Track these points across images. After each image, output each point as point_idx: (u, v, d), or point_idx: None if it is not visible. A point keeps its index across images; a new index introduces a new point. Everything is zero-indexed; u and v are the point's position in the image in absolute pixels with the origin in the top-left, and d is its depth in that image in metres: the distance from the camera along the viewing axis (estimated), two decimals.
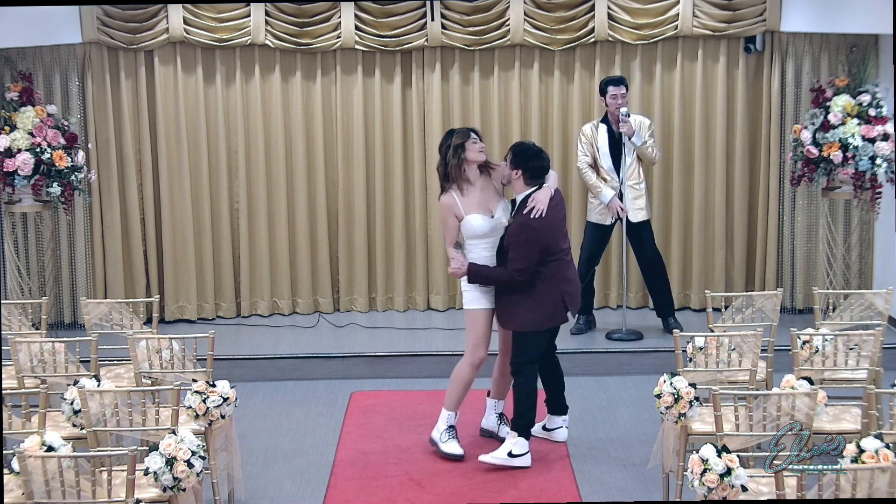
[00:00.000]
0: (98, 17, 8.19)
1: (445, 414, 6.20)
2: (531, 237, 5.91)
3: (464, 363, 6.15)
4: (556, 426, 6.42)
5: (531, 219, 5.90)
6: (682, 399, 5.22)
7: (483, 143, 6.10)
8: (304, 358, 7.86)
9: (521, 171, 5.97)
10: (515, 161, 5.99)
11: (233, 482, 5.66)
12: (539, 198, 5.93)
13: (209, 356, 5.90)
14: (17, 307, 6.63)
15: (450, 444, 6.16)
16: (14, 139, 7.65)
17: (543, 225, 5.91)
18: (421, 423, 6.72)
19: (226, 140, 8.60)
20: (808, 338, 5.67)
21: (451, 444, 6.16)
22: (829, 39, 8.33)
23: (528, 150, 6.05)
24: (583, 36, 8.44)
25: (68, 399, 5.28)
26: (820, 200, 8.38)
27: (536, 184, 5.98)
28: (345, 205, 8.75)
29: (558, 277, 6.01)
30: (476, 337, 6.10)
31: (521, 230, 5.93)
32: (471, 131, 6.09)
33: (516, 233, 5.95)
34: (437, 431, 6.23)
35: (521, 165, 5.97)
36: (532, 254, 5.90)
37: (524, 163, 5.97)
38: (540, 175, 5.99)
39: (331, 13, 8.39)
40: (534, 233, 5.90)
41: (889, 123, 7.72)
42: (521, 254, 5.91)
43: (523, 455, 6.05)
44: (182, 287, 8.67)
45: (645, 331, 8.10)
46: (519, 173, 5.98)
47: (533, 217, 5.89)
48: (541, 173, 6.00)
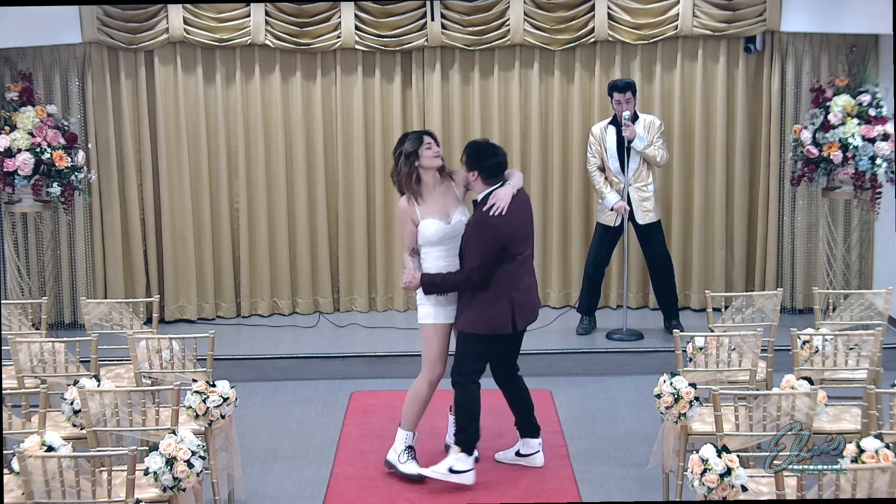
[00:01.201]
0: (98, 17, 8.19)
1: (403, 434, 5.93)
2: (489, 234, 5.60)
3: (421, 381, 5.88)
4: (531, 451, 6.10)
5: (489, 216, 5.59)
6: (682, 399, 5.22)
7: (439, 147, 5.79)
8: (304, 358, 7.86)
9: (478, 172, 5.67)
10: (469, 162, 5.69)
11: (233, 482, 5.66)
12: (500, 195, 5.63)
13: (209, 356, 5.90)
14: (17, 307, 6.63)
15: (409, 464, 5.89)
16: (14, 139, 7.65)
17: (502, 223, 5.59)
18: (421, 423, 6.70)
19: (226, 140, 8.60)
20: (808, 338, 5.67)
21: (410, 464, 5.88)
22: (829, 39, 8.33)
23: (481, 149, 5.74)
24: (583, 36, 8.44)
25: (68, 399, 5.28)
26: (820, 200, 8.38)
27: (496, 182, 5.68)
28: (345, 205, 8.75)
29: (509, 282, 5.67)
30: (433, 353, 5.82)
31: (478, 227, 5.64)
32: (425, 135, 5.80)
33: (473, 230, 5.66)
34: (395, 453, 5.95)
35: (476, 166, 5.67)
36: (489, 253, 5.60)
37: (478, 162, 5.67)
38: (497, 173, 5.68)
39: (331, 13, 8.39)
40: (491, 230, 5.59)
41: (889, 123, 7.72)
42: (478, 252, 5.61)
43: (466, 472, 5.78)
44: (182, 287, 8.67)
45: (645, 331, 8.10)
46: (476, 174, 5.68)
47: (492, 214, 5.58)
48: (497, 171, 5.69)
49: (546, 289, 8.90)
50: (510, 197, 5.64)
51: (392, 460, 5.99)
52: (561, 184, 8.73)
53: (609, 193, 7.81)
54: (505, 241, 5.63)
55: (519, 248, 5.71)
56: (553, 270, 8.85)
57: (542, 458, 6.11)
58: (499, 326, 5.73)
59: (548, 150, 8.72)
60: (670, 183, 8.62)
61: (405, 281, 5.81)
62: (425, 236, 5.77)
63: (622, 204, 7.75)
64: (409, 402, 5.94)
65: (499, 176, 5.71)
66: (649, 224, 7.88)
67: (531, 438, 6.11)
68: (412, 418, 5.94)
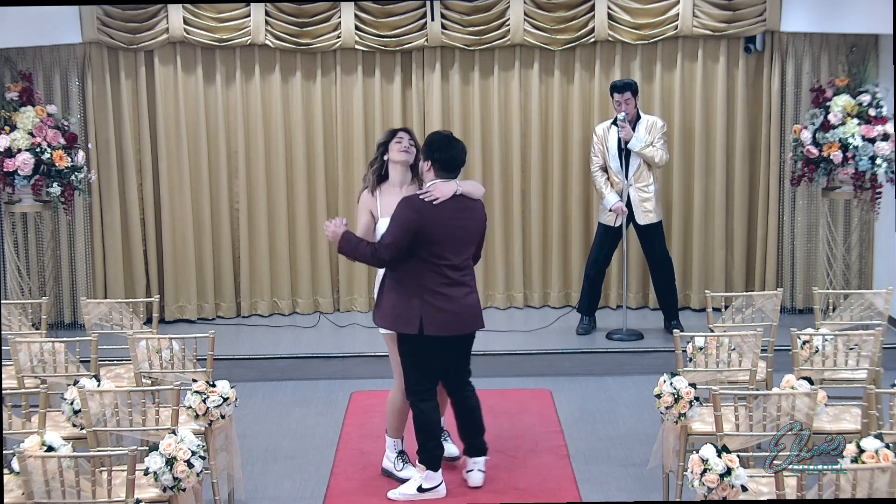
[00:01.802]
0: (98, 17, 8.19)
1: (391, 441, 5.93)
2: (407, 215, 5.35)
3: (395, 391, 5.83)
4: (468, 469, 5.82)
5: (417, 197, 5.39)
6: (682, 399, 5.22)
7: (412, 143, 5.64)
8: (304, 358, 7.86)
9: (431, 163, 5.45)
10: (425, 151, 5.49)
11: (233, 482, 5.66)
12: (440, 186, 5.41)
13: (209, 356, 5.90)
14: (17, 307, 6.63)
15: (406, 469, 5.85)
16: (14, 139, 7.65)
17: (426, 210, 5.35)
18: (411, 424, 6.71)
19: (226, 140, 8.60)
20: (808, 338, 5.67)
21: (408, 469, 5.85)
22: (829, 39, 8.34)
23: (437, 140, 5.51)
24: (583, 36, 8.44)
25: (68, 399, 5.27)
26: (820, 200, 8.38)
27: (448, 177, 5.47)
28: (345, 205, 8.74)
29: (427, 284, 5.42)
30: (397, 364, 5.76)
31: (403, 205, 5.40)
32: (400, 130, 5.71)
33: (398, 207, 5.42)
34: (389, 461, 5.94)
35: (430, 156, 5.46)
36: (403, 235, 5.34)
37: (432, 153, 5.45)
38: (450, 168, 5.46)
39: (331, 13, 8.39)
40: (412, 212, 5.35)
41: (889, 123, 7.72)
42: (392, 229, 5.38)
43: (436, 487, 5.67)
44: (182, 287, 8.67)
45: (645, 331, 8.10)
46: (429, 164, 5.46)
47: (420, 197, 5.38)
48: (451, 165, 5.45)
49: (546, 289, 8.91)
50: (451, 193, 5.42)
51: (389, 468, 5.97)
52: (561, 184, 8.73)
53: (609, 194, 7.81)
54: (422, 231, 5.36)
55: (442, 251, 5.43)
56: (553, 270, 8.85)
57: (478, 479, 5.79)
58: (402, 326, 5.50)
59: (548, 150, 8.72)
60: (670, 183, 8.62)
61: (330, 230, 5.54)
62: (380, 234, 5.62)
63: (620, 205, 7.75)
64: (389, 411, 5.91)
65: (452, 172, 5.49)
66: (649, 225, 7.88)
67: (471, 457, 5.84)
68: (396, 426, 5.92)
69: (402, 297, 5.49)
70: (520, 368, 7.74)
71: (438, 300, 5.46)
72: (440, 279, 5.46)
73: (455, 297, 5.50)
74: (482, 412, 5.87)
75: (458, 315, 5.53)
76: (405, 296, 5.48)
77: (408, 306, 5.47)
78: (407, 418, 5.91)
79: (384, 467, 6.01)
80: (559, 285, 8.87)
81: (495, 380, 7.37)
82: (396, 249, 5.40)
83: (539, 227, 8.75)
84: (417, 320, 5.46)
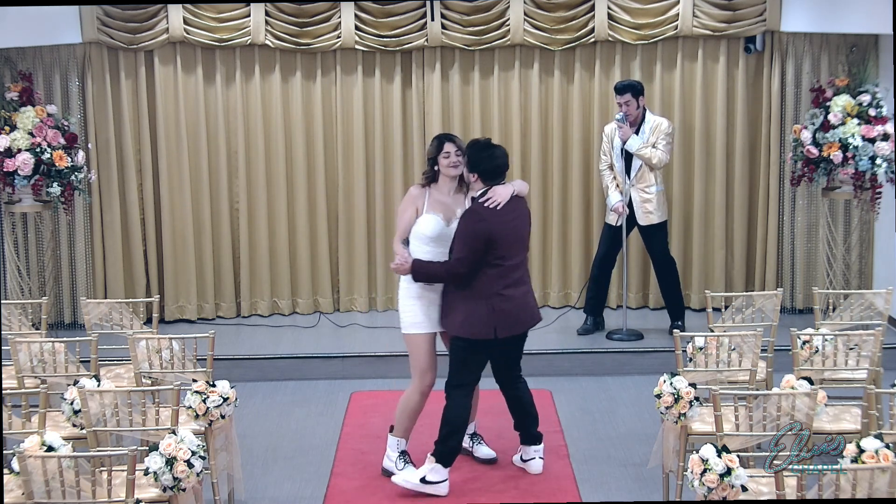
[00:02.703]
0: (98, 17, 8.19)
1: (394, 441, 5.93)
2: (477, 226, 5.53)
3: (413, 391, 5.85)
4: (529, 457, 6.02)
5: (482, 206, 5.56)
6: (682, 399, 5.22)
7: (458, 154, 5.74)
8: (304, 358, 7.86)
9: (478, 175, 5.64)
10: (469, 164, 5.67)
11: (233, 482, 5.66)
12: (498, 190, 5.59)
13: (209, 356, 5.90)
14: (17, 307, 6.63)
15: (407, 469, 5.82)
16: (14, 139, 7.65)
17: (492, 216, 5.53)
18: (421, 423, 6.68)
19: (226, 140, 8.60)
20: (808, 338, 5.67)
21: (408, 469, 5.82)
22: (829, 39, 8.33)
23: (480, 153, 5.66)
24: (583, 36, 8.44)
25: (68, 399, 5.27)
26: (820, 200, 8.38)
27: (497, 183, 5.65)
28: (345, 205, 8.75)
29: (494, 289, 5.58)
30: (422, 363, 5.80)
31: (468, 216, 5.59)
32: (445, 141, 5.80)
33: (463, 220, 5.60)
34: (390, 460, 5.93)
35: (475, 169, 5.64)
36: (476, 244, 5.52)
37: (476, 166, 5.63)
38: (496, 175, 5.63)
39: (331, 13, 8.39)
40: (481, 221, 5.53)
41: (889, 123, 7.72)
42: (464, 241, 5.55)
43: (439, 483, 5.71)
44: (182, 287, 8.67)
45: (645, 331, 8.10)
46: (476, 176, 5.65)
47: (485, 205, 5.55)
48: (497, 173, 5.63)
49: (546, 289, 8.90)
50: (508, 196, 5.61)
51: (389, 468, 5.95)
52: (561, 184, 8.73)
53: (612, 193, 7.83)
54: (492, 236, 5.53)
55: (506, 252, 5.59)
56: (553, 270, 8.86)
57: (538, 466, 6.00)
58: (478, 333, 5.64)
59: (548, 150, 8.72)
60: (670, 183, 8.61)
61: (395, 264, 5.72)
62: (420, 230, 5.75)
63: (620, 204, 7.76)
64: (400, 410, 5.92)
65: (498, 178, 5.66)
66: (650, 226, 7.88)
67: (527, 445, 6.04)
68: (405, 426, 5.92)
69: (473, 303, 5.62)
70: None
71: (505, 302, 5.63)
72: (505, 281, 5.63)
73: (518, 297, 5.69)
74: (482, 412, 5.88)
75: (522, 313, 5.73)
76: (475, 301, 5.62)
77: (480, 314, 5.61)
78: (416, 420, 5.92)
79: (384, 467, 6.00)
80: (559, 285, 8.87)
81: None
82: (471, 261, 5.56)
83: (539, 227, 8.74)
84: (491, 325, 5.61)
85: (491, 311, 5.60)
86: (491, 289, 5.59)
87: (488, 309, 5.60)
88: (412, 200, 5.82)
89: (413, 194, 5.85)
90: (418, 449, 5.98)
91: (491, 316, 5.60)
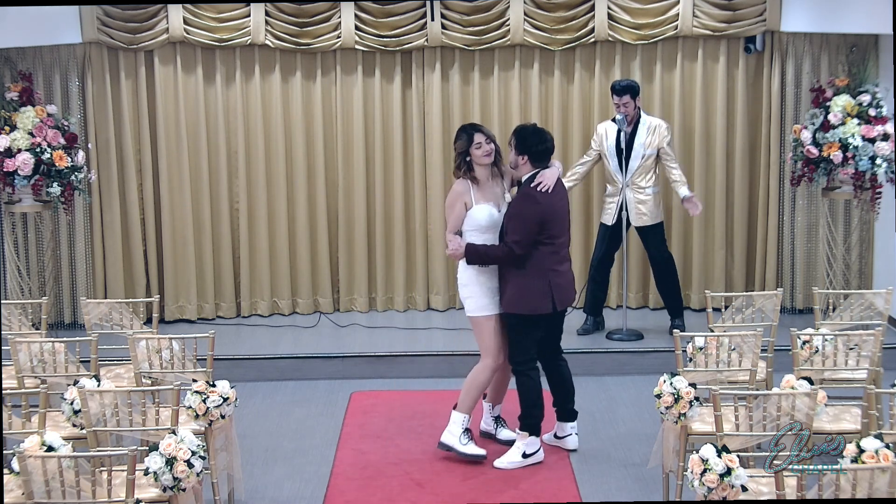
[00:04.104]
0: (98, 17, 8.19)
1: (459, 417, 6.11)
2: (532, 209, 5.90)
3: (483, 368, 6.08)
4: (565, 433, 6.35)
5: (536, 190, 5.90)
6: (682, 399, 5.22)
7: (491, 144, 6.00)
8: (304, 358, 7.86)
9: (527, 157, 5.98)
10: (519, 146, 6.01)
11: (233, 482, 5.66)
12: (547, 174, 5.95)
13: (209, 356, 5.90)
14: (17, 307, 6.63)
15: (469, 446, 6.10)
16: (14, 139, 7.65)
17: (545, 199, 5.90)
18: (421, 424, 6.72)
19: (226, 140, 8.61)
20: (808, 338, 5.67)
21: (471, 446, 6.11)
22: (829, 39, 8.34)
23: (530, 135, 6.03)
24: (583, 36, 8.44)
25: (68, 399, 5.27)
26: (820, 200, 8.38)
27: (542, 166, 6.00)
28: (345, 205, 8.75)
29: (548, 265, 5.96)
30: (492, 344, 6.05)
31: (523, 200, 5.96)
32: (474, 132, 6.02)
33: (517, 203, 5.98)
34: (453, 436, 6.11)
35: (526, 151, 5.98)
36: (531, 226, 5.88)
37: (528, 148, 5.98)
38: (545, 157, 6.00)
39: (331, 13, 8.39)
40: (536, 205, 5.89)
41: (889, 123, 7.73)
42: (520, 224, 5.90)
43: (537, 452, 6.12)
44: (182, 287, 8.67)
45: (645, 331, 8.10)
46: (525, 158, 5.99)
47: (539, 189, 5.89)
48: (545, 155, 6.01)
49: None
50: (556, 178, 5.97)
51: (450, 443, 6.13)
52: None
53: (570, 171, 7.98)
54: (545, 218, 5.90)
55: (556, 231, 5.96)
56: None
57: (574, 441, 6.33)
58: (538, 307, 5.96)
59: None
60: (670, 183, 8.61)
61: (451, 249, 6.00)
62: (476, 220, 5.99)
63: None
64: (468, 387, 6.13)
65: (546, 160, 6.01)
66: (645, 227, 7.89)
67: (565, 422, 6.34)
68: (469, 402, 6.13)
69: (531, 280, 5.94)
70: None
71: (559, 277, 6.03)
72: (557, 258, 6.02)
73: (566, 272, 6.13)
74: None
75: (572, 286, 6.20)
76: (533, 281, 5.94)
77: (539, 290, 5.95)
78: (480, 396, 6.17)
79: (444, 441, 6.15)
80: None
81: None
82: (528, 243, 5.90)
83: None
84: (549, 298, 5.97)
85: (548, 285, 5.95)
86: (546, 265, 5.95)
87: (545, 284, 5.95)
88: (459, 196, 6.04)
89: (458, 190, 6.05)
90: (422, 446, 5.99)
91: (550, 291, 5.96)
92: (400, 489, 5.85)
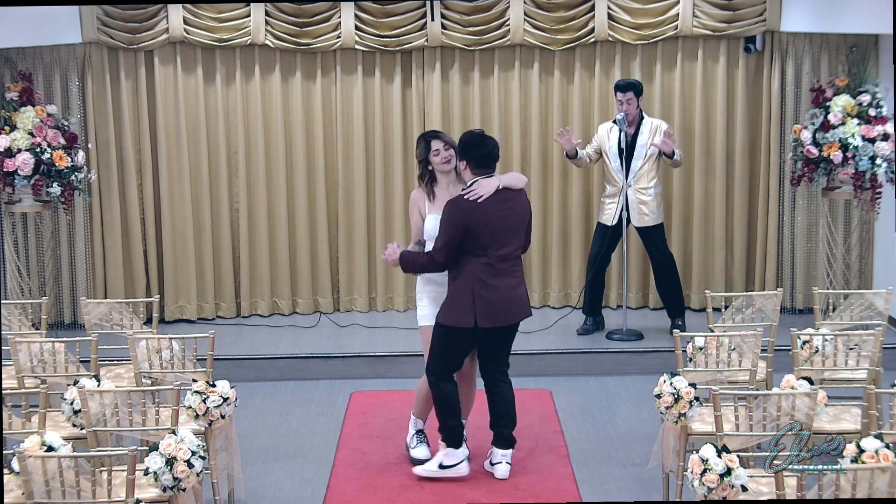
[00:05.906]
0: (98, 17, 8.19)
1: (413, 420, 6.19)
2: (456, 216, 5.60)
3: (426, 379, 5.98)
4: (496, 461, 5.94)
5: (462, 198, 5.63)
6: (682, 399, 5.22)
7: (447, 149, 5.85)
8: (304, 358, 7.86)
9: (466, 162, 5.72)
10: (460, 152, 5.76)
11: (233, 482, 5.66)
12: (482, 183, 5.65)
13: (209, 356, 5.90)
14: (17, 307, 6.63)
15: (419, 448, 6.08)
16: (14, 139, 7.65)
17: (473, 208, 5.59)
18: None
19: (226, 140, 8.61)
20: (808, 338, 5.67)
21: (420, 448, 6.08)
22: (829, 39, 8.34)
23: (469, 140, 5.77)
24: (583, 36, 8.44)
25: (68, 399, 5.27)
26: (820, 200, 8.38)
27: (485, 173, 5.71)
28: (345, 205, 8.75)
29: (475, 277, 5.64)
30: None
31: (448, 206, 5.66)
32: (432, 139, 5.91)
33: (444, 210, 5.68)
34: (409, 436, 6.22)
35: (465, 155, 5.72)
36: (453, 234, 5.59)
37: (466, 152, 5.72)
38: (486, 164, 5.71)
39: (331, 13, 8.39)
40: (460, 212, 5.59)
41: (889, 123, 7.73)
42: (442, 230, 5.65)
43: (457, 464, 5.86)
44: (182, 287, 8.67)
45: (645, 331, 8.10)
46: (465, 164, 5.73)
47: (465, 197, 5.62)
48: (486, 161, 5.71)
49: (546, 289, 8.91)
50: (493, 189, 5.65)
51: (407, 442, 6.21)
52: (561, 184, 8.73)
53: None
54: (470, 228, 5.59)
55: (491, 243, 5.64)
56: (553, 270, 8.86)
57: (504, 471, 5.91)
58: (459, 320, 5.69)
59: (548, 150, 8.72)
60: (670, 183, 8.62)
61: (385, 254, 5.91)
62: (428, 231, 5.90)
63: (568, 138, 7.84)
64: (417, 395, 6.15)
65: (489, 167, 5.75)
66: (646, 227, 7.89)
67: (499, 449, 5.96)
68: (422, 408, 6.14)
69: (457, 291, 5.71)
70: (520, 368, 7.65)
71: (488, 291, 5.67)
72: (490, 270, 5.68)
73: (503, 288, 5.72)
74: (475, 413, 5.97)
75: (507, 305, 5.76)
76: (458, 292, 5.70)
77: (462, 302, 5.68)
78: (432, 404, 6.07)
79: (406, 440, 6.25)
80: (559, 285, 8.87)
81: None
82: (448, 250, 5.65)
83: (539, 227, 8.74)
84: (472, 314, 5.66)
85: (472, 299, 5.66)
86: (474, 277, 5.67)
87: (470, 297, 5.66)
88: (414, 204, 6.00)
89: (414, 198, 6.01)
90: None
91: (471, 304, 5.66)
92: (400, 489, 5.85)
